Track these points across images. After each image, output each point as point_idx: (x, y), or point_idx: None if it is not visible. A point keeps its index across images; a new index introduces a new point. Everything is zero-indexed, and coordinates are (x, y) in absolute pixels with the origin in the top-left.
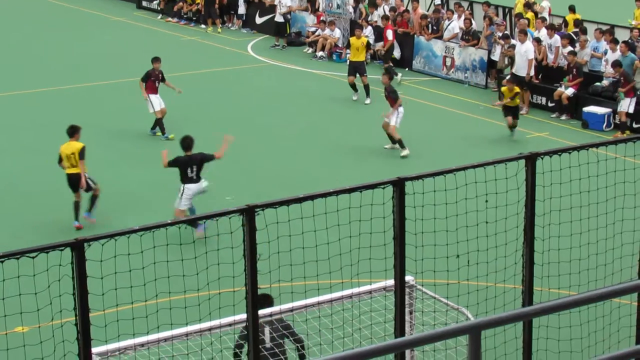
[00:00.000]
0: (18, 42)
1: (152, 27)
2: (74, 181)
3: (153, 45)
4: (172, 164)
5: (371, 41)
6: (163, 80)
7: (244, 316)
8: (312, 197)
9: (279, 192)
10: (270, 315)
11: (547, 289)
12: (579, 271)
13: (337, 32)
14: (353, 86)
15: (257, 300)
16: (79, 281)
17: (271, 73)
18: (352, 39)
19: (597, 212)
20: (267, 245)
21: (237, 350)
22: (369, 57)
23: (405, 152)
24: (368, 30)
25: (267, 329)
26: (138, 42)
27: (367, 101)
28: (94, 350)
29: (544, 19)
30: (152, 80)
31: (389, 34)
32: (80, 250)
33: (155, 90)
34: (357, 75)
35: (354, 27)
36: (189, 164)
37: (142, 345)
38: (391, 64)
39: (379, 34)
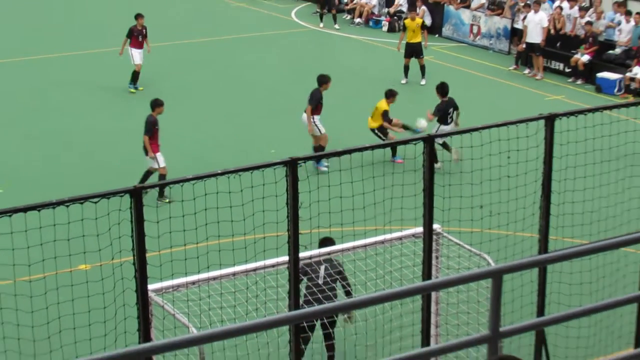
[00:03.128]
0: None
1: None
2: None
3: (204, 10)
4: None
5: (427, 21)
6: (145, 36)
7: (286, 258)
8: (349, 152)
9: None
10: (310, 258)
11: (562, 237)
12: (591, 222)
13: (374, 0)
14: (406, 69)
15: (298, 243)
16: (136, 224)
17: (312, 38)
18: (407, 21)
19: (608, 168)
20: (308, 194)
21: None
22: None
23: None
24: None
25: (322, 268)
26: (191, 6)
27: (423, 82)
28: (150, 287)
29: None
30: (135, 36)
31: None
32: (138, 196)
33: (139, 45)
34: (414, 57)
35: None
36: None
37: (193, 283)
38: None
39: (413, 3)
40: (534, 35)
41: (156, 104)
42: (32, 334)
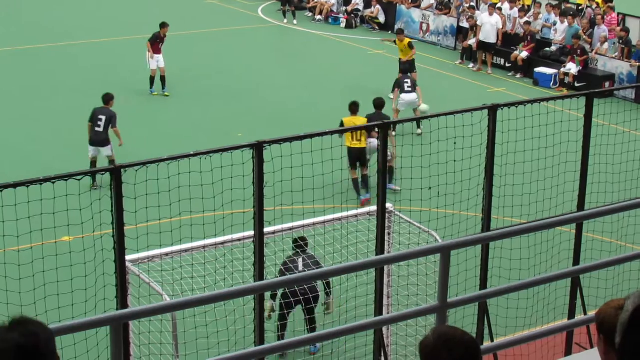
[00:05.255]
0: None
1: None
2: None
3: (178, 5)
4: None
5: (381, 19)
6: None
7: (251, 233)
8: (311, 136)
9: (284, 131)
10: (274, 233)
11: (503, 217)
12: (529, 203)
13: None
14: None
15: (263, 219)
16: (116, 200)
17: (276, 33)
18: (396, 42)
19: (545, 155)
20: (273, 175)
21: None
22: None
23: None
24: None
25: (300, 259)
26: (165, 1)
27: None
28: (128, 257)
29: None
30: (157, 43)
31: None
32: (118, 174)
33: (159, 52)
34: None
35: None
36: None
37: (167, 254)
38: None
39: (368, 2)
40: (491, 36)
41: (110, 98)
42: (19, 300)
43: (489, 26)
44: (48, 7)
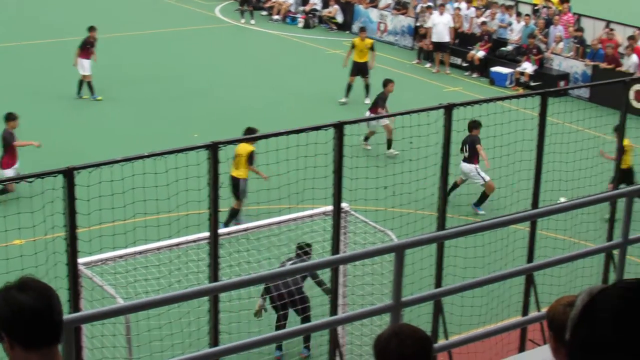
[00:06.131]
0: None
1: None
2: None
3: (135, 4)
4: None
5: (339, 19)
6: (93, 47)
7: (207, 234)
8: (266, 136)
9: (240, 131)
10: (229, 234)
11: (458, 215)
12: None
13: None
14: (349, 87)
15: (218, 220)
16: (68, 202)
17: (234, 33)
18: (357, 40)
19: (500, 153)
20: (228, 175)
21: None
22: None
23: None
24: None
25: (289, 263)
26: (122, 3)
27: (367, 101)
28: (80, 260)
29: None
30: (87, 47)
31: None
32: (70, 176)
33: (88, 56)
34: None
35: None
36: None
37: (120, 257)
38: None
39: (326, 2)
40: (443, 35)
41: (9, 118)
42: None
43: (442, 26)
44: None
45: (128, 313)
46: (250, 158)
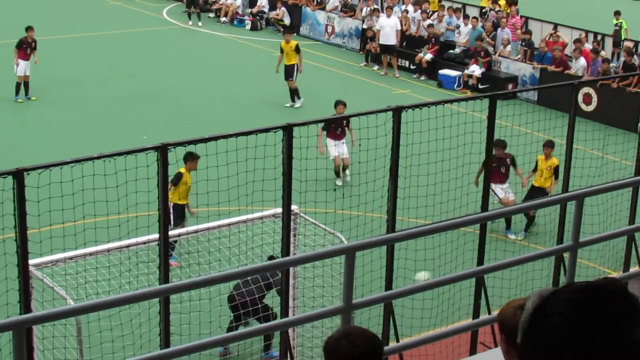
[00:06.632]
0: None
1: None
2: None
3: (81, 6)
4: None
5: (287, 21)
6: (34, 49)
7: (156, 235)
8: (215, 138)
9: (188, 133)
10: (179, 235)
11: (408, 218)
12: (433, 204)
13: (238, 1)
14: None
15: (168, 222)
16: (18, 204)
17: (180, 35)
18: (282, 43)
19: (449, 156)
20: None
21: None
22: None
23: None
24: (264, 1)
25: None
26: (68, 2)
27: (288, 104)
28: (31, 261)
29: None
30: (24, 48)
31: None
32: (20, 178)
33: (27, 57)
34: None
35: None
36: None
37: (71, 258)
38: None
39: (274, 4)
40: (390, 38)
41: None
42: None
43: (388, 28)
44: None
45: (79, 314)
46: (178, 179)
